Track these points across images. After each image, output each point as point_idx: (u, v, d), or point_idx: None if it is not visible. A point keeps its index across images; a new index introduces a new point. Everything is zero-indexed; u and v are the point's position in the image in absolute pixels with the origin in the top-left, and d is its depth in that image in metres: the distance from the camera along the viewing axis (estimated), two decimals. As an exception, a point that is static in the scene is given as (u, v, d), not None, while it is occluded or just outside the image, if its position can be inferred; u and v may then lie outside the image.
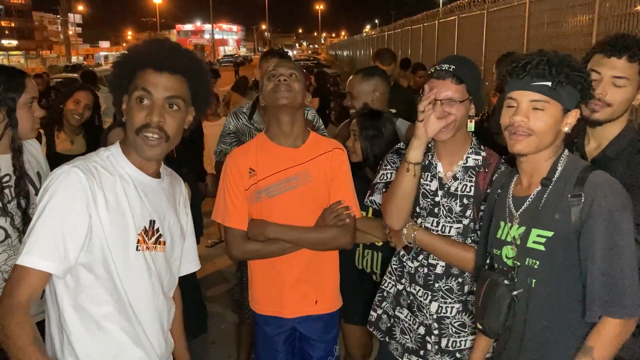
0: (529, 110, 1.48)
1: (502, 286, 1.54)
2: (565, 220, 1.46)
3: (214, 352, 3.52)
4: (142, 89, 1.41)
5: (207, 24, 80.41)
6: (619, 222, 1.40)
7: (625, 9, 5.35)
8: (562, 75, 1.45)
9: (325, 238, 2.00)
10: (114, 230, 1.39)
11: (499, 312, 1.54)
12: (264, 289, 2.12)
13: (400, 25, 18.61)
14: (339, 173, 2.05)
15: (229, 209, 2.02)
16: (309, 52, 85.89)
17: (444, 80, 1.77)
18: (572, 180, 1.48)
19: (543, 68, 1.46)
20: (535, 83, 1.47)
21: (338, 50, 47.26)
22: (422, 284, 1.91)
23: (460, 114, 1.78)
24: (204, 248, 5.29)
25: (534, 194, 1.56)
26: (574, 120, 1.52)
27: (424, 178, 1.90)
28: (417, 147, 1.77)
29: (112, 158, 1.47)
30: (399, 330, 2.01)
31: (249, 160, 2.02)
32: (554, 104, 1.48)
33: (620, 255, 1.39)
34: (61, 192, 1.33)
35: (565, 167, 1.53)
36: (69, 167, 1.36)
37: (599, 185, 1.44)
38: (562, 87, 1.46)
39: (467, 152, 1.87)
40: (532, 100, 1.48)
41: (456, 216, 1.85)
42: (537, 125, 1.48)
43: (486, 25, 9.47)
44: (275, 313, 2.10)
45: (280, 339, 2.13)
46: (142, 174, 1.49)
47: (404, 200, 1.84)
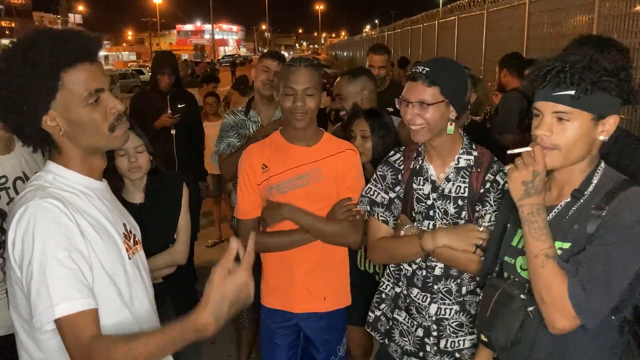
0: (553, 122, 1.37)
1: (518, 300, 1.44)
2: (582, 231, 1.35)
3: (214, 352, 3.53)
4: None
5: (207, 24, 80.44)
6: (634, 236, 1.27)
7: (625, 9, 5.35)
8: (587, 82, 1.32)
9: (335, 231, 2.04)
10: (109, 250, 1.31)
11: (510, 327, 1.44)
12: (274, 283, 2.15)
13: (400, 25, 18.62)
14: (350, 173, 2.09)
15: (240, 203, 2.10)
16: (308, 52, 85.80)
17: (416, 82, 1.76)
18: (602, 193, 1.37)
19: (564, 76, 1.33)
20: (557, 93, 1.35)
21: (338, 50, 47.25)
22: (420, 286, 1.91)
23: (433, 117, 1.75)
24: (204, 248, 5.29)
25: (562, 205, 1.45)
26: (612, 127, 1.38)
27: (416, 182, 1.90)
28: (438, 244, 1.78)
29: (59, 179, 1.31)
30: (398, 332, 2.01)
31: (263, 157, 2.09)
32: (580, 114, 1.34)
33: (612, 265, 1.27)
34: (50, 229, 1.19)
35: (601, 180, 1.41)
36: (39, 201, 1.20)
37: (629, 199, 1.31)
38: (589, 95, 1.32)
39: (458, 153, 1.86)
40: (555, 112, 1.36)
41: (452, 218, 1.85)
42: (561, 139, 1.36)
43: (486, 25, 9.47)
44: (284, 307, 2.14)
45: (281, 333, 2.15)
46: (94, 181, 1.38)
47: (397, 260, 1.93)
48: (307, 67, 2.01)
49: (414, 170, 1.91)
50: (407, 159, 1.95)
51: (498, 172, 1.83)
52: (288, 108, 2.01)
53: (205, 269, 5.11)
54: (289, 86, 2.00)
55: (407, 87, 1.80)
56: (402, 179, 1.93)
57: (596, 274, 1.29)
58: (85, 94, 1.25)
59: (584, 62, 1.34)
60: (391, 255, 1.93)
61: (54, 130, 1.27)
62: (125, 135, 1.36)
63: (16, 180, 1.99)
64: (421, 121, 1.76)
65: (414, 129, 1.79)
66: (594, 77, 1.32)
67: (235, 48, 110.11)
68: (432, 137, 1.80)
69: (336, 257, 2.15)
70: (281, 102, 2.04)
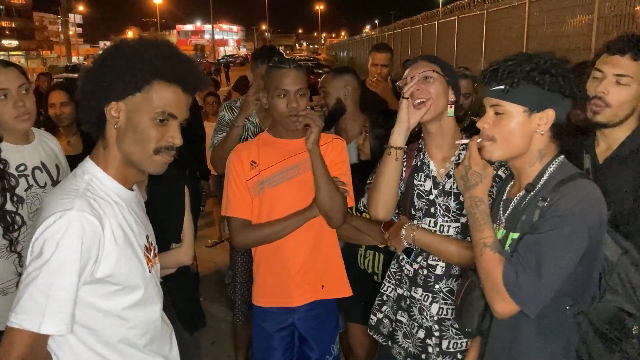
0: (491, 115, 1.47)
1: (478, 289, 1.52)
2: (529, 221, 1.43)
3: (214, 352, 3.53)
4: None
5: (207, 24, 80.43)
6: (566, 224, 1.34)
7: (625, 9, 5.36)
8: (518, 75, 1.41)
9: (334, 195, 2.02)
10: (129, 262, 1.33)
11: (472, 314, 1.55)
12: (269, 281, 2.15)
13: (400, 25, 18.64)
14: (338, 159, 2.13)
15: (230, 199, 2.10)
16: (307, 52, 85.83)
17: (417, 62, 1.86)
18: (551, 185, 1.43)
19: (497, 72, 1.44)
20: (493, 88, 1.46)
21: (338, 50, 47.27)
22: (422, 286, 1.91)
23: (437, 90, 1.79)
24: (204, 248, 5.30)
25: (517, 199, 1.53)
26: (546, 121, 1.44)
27: (417, 179, 1.91)
28: (399, 132, 1.82)
29: (95, 181, 1.32)
30: (401, 334, 2.00)
31: (251, 154, 2.10)
32: (512, 107, 1.43)
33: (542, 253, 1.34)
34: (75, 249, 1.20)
35: (554, 174, 1.46)
36: (77, 214, 1.21)
37: (568, 189, 1.38)
38: (519, 88, 1.41)
39: (458, 149, 1.88)
40: (491, 105, 1.47)
41: (454, 215, 1.85)
42: (496, 130, 1.46)
43: (486, 25, 9.49)
44: (283, 304, 2.13)
45: (279, 336, 2.15)
46: (125, 190, 1.38)
47: (388, 187, 1.86)
48: (297, 68, 2.05)
49: (415, 167, 1.92)
50: (409, 157, 1.96)
51: (499, 167, 1.85)
52: (282, 110, 2.02)
53: (205, 269, 5.11)
54: (281, 88, 2.01)
55: (407, 70, 1.87)
56: (403, 175, 1.94)
57: (528, 261, 1.36)
58: (158, 110, 1.29)
59: (516, 60, 1.44)
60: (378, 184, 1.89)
61: (111, 119, 1.30)
62: (162, 167, 1.36)
63: (34, 169, 2.05)
64: (426, 94, 1.79)
65: (417, 104, 1.79)
66: (523, 73, 1.41)
67: (235, 48, 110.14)
68: (432, 119, 1.82)
69: (328, 246, 2.16)
70: (273, 104, 2.04)
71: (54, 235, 1.19)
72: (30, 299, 1.17)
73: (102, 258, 1.25)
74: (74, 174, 1.36)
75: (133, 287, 1.35)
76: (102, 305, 1.30)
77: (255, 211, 2.09)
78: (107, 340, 1.32)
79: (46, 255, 1.18)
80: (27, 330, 1.16)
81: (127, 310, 1.34)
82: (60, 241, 1.18)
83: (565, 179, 1.42)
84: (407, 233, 1.87)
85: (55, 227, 1.19)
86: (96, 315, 1.30)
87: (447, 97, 1.82)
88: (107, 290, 1.29)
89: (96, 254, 1.24)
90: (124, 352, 1.35)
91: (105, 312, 1.31)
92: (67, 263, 1.19)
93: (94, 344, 1.31)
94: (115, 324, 1.33)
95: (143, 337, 1.40)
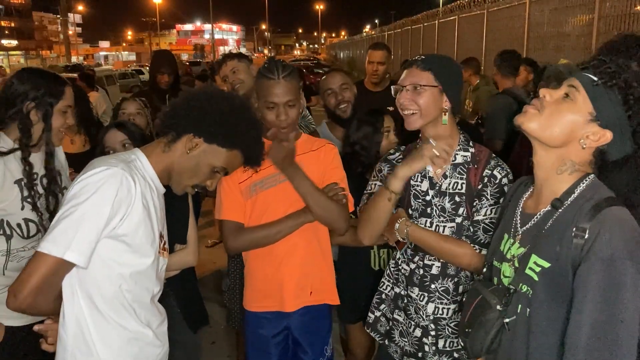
0: (560, 93, 1.34)
1: (495, 311, 1.38)
2: (565, 253, 1.25)
3: (214, 352, 3.53)
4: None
5: (207, 23, 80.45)
6: (620, 274, 1.16)
7: (625, 8, 5.36)
8: (619, 78, 1.25)
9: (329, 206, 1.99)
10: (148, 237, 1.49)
11: (485, 336, 1.40)
12: (262, 286, 2.13)
13: (400, 25, 18.64)
14: (331, 165, 2.10)
15: (222, 202, 2.07)
16: (306, 52, 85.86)
17: (410, 68, 1.81)
18: (586, 209, 1.26)
19: (603, 63, 1.28)
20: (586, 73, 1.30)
21: (338, 50, 47.28)
22: (418, 286, 1.91)
23: (426, 101, 1.76)
24: (204, 248, 5.29)
25: (541, 214, 1.37)
26: (597, 140, 1.29)
27: (414, 179, 1.90)
28: (402, 178, 1.79)
29: (138, 163, 1.52)
30: (397, 333, 2.01)
31: None
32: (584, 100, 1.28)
33: (616, 311, 1.15)
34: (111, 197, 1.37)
35: (584, 192, 1.30)
36: (118, 170, 1.40)
37: (608, 222, 1.21)
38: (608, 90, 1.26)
39: (455, 149, 1.86)
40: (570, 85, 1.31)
41: (449, 215, 1.85)
42: (552, 104, 1.32)
43: (486, 25, 9.49)
44: (275, 308, 2.11)
45: (274, 341, 2.14)
46: (160, 183, 1.59)
47: (379, 221, 1.86)
48: (286, 78, 1.99)
49: None
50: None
51: (495, 167, 1.84)
52: (271, 121, 2.00)
53: (205, 270, 5.09)
54: (270, 101, 1.99)
55: (402, 75, 1.84)
56: None
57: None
58: (218, 165, 1.58)
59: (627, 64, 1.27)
60: (369, 216, 1.89)
61: (187, 144, 1.54)
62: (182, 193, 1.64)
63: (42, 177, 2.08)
64: (414, 107, 1.77)
65: (406, 114, 1.80)
66: (622, 79, 1.25)
67: (235, 48, 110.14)
68: (425, 126, 1.81)
69: (321, 252, 2.14)
70: (262, 113, 2.01)
71: (96, 182, 1.37)
72: (62, 230, 1.34)
73: (128, 216, 1.41)
74: (124, 153, 1.58)
75: (143, 253, 1.49)
76: (112, 262, 1.44)
77: (248, 214, 2.06)
78: (105, 295, 1.46)
79: (84, 196, 1.36)
80: (53, 255, 1.33)
81: (132, 275, 1.48)
82: (100, 187, 1.36)
83: (601, 202, 1.25)
84: (400, 227, 1.87)
85: (100, 175, 1.38)
86: (104, 269, 1.44)
87: (440, 104, 1.78)
88: (120, 248, 1.43)
89: (125, 210, 1.40)
90: (118, 311, 1.48)
91: (112, 268, 1.45)
92: (100, 207, 1.36)
93: (93, 294, 1.44)
94: (117, 282, 1.46)
95: (135, 303, 1.52)
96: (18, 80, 1.99)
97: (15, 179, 1.97)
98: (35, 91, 1.98)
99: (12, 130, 1.99)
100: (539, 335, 1.32)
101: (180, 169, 1.56)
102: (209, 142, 1.54)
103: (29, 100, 1.97)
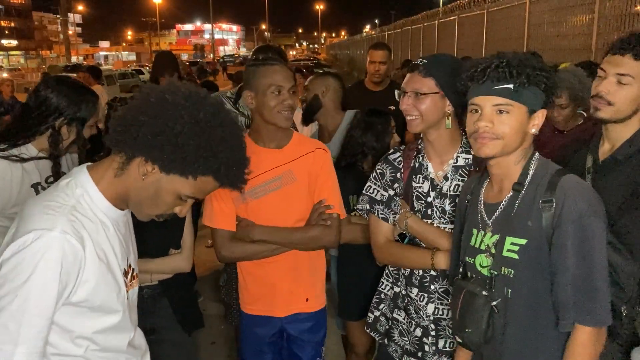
0: (493, 114, 1.45)
1: (481, 297, 1.49)
2: (537, 226, 1.42)
3: (214, 352, 3.52)
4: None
5: (207, 23, 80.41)
6: (589, 228, 1.37)
7: (625, 8, 5.36)
8: (524, 76, 1.41)
9: (309, 237, 2.02)
10: (107, 285, 1.27)
11: (479, 323, 1.49)
12: (254, 289, 2.12)
13: (400, 25, 18.62)
14: (322, 172, 2.06)
15: (215, 211, 2.03)
16: (306, 52, 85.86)
17: (412, 73, 1.81)
18: (544, 184, 1.45)
19: (503, 71, 1.42)
20: (497, 87, 1.43)
21: (338, 50, 47.26)
22: (418, 286, 1.91)
23: (427, 107, 1.77)
24: (203, 249, 5.29)
25: (506, 200, 1.52)
26: (540, 120, 1.49)
27: (415, 181, 1.90)
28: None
29: (86, 198, 1.25)
30: (397, 332, 2.01)
31: None
32: (518, 107, 1.44)
33: (592, 263, 1.37)
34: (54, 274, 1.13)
35: (537, 171, 1.49)
36: (59, 236, 1.13)
37: (570, 189, 1.41)
38: (525, 89, 1.42)
39: (457, 152, 1.87)
40: (495, 104, 1.44)
41: (449, 216, 1.85)
42: (502, 129, 1.44)
43: (486, 25, 9.48)
44: (266, 312, 2.11)
45: (268, 341, 2.14)
46: (116, 210, 1.31)
47: (404, 265, 1.95)
48: (284, 65, 2.03)
49: (414, 169, 1.91)
50: (407, 158, 1.95)
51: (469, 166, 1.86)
52: (274, 106, 1.95)
53: (204, 269, 5.09)
54: (276, 84, 1.96)
55: (405, 78, 1.85)
56: (402, 177, 1.93)
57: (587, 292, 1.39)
58: (184, 194, 1.25)
59: (519, 58, 1.44)
60: (398, 263, 1.95)
61: (140, 169, 1.23)
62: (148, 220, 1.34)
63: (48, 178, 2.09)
64: (416, 112, 1.78)
65: (408, 119, 1.82)
66: (529, 72, 1.41)
67: (235, 48, 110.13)
68: (427, 129, 1.82)
69: (314, 257, 2.13)
70: (264, 102, 1.96)
71: (33, 256, 1.11)
72: (2, 326, 1.09)
73: (81, 283, 1.19)
74: (65, 184, 1.27)
75: (108, 311, 1.29)
76: (73, 327, 1.23)
77: (238, 221, 2.04)
78: None
79: (22, 278, 1.10)
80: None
81: (98, 334, 1.28)
82: (39, 264, 1.10)
83: (555, 176, 1.45)
84: (400, 219, 1.88)
85: (35, 247, 1.11)
86: (64, 335, 1.23)
87: (443, 109, 1.79)
88: (80, 313, 1.23)
89: (75, 279, 1.17)
90: None
91: (74, 333, 1.24)
92: (44, 289, 1.11)
93: None
94: (83, 345, 1.26)
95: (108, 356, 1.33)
96: (53, 93, 1.99)
97: (32, 182, 1.97)
98: (72, 108, 1.99)
99: (40, 139, 2.00)
100: (530, 309, 1.46)
101: (138, 198, 1.27)
102: (165, 171, 1.21)
103: (63, 116, 1.99)
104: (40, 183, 2.00)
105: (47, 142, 1.99)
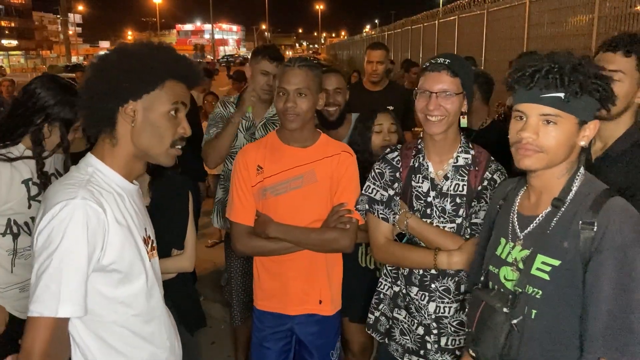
0: (539, 125, 1.32)
1: (501, 314, 1.39)
2: (574, 248, 1.30)
3: (214, 352, 3.53)
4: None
5: (207, 23, 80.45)
6: (632, 260, 1.23)
7: (625, 9, 5.36)
8: (576, 84, 1.27)
9: (325, 239, 2.02)
10: (131, 250, 1.38)
11: (496, 341, 1.39)
12: (267, 285, 2.14)
13: (400, 25, 18.60)
14: (345, 176, 2.07)
15: (234, 204, 2.08)
16: (308, 52, 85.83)
17: (439, 73, 1.76)
18: (587, 204, 1.31)
19: (554, 77, 1.28)
20: (546, 95, 1.30)
21: (338, 50, 47.22)
22: (418, 285, 1.91)
23: (454, 107, 1.77)
24: (204, 248, 5.29)
25: (543, 216, 1.40)
26: (592, 133, 1.36)
27: (415, 180, 1.90)
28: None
29: (98, 174, 1.38)
30: (398, 331, 2.01)
31: (258, 157, 2.07)
32: (567, 118, 1.31)
33: (630, 298, 1.22)
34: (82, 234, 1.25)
35: (580, 188, 1.36)
36: (80, 202, 1.26)
37: (616, 214, 1.26)
38: (577, 98, 1.28)
39: (457, 151, 1.87)
40: (543, 114, 1.32)
41: (449, 216, 1.85)
42: (547, 141, 1.32)
43: (486, 25, 9.48)
44: (278, 309, 2.12)
45: (273, 337, 2.14)
46: (128, 183, 1.44)
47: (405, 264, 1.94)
48: (301, 67, 1.98)
49: (413, 168, 1.91)
50: (405, 157, 1.95)
51: (496, 171, 1.86)
52: (280, 109, 2.00)
53: (205, 269, 5.11)
54: (281, 87, 1.99)
55: (426, 78, 1.79)
56: (401, 176, 1.93)
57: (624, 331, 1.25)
58: (172, 101, 1.38)
59: (573, 63, 1.29)
60: (399, 263, 1.95)
61: (125, 119, 1.37)
62: (173, 160, 1.45)
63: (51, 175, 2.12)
64: (443, 112, 1.76)
65: (433, 121, 1.78)
66: (582, 79, 1.28)
67: (235, 48, 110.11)
68: (445, 130, 1.80)
69: (330, 259, 2.14)
70: (275, 102, 2.03)
71: (61, 224, 1.24)
72: (44, 287, 1.22)
73: (108, 245, 1.31)
74: (77, 167, 1.41)
75: (136, 274, 1.40)
76: (108, 293, 1.35)
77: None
78: (111, 328, 1.37)
79: (55, 243, 1.23)
80: (46, 316, 1.22)
81: (132, 298, 1.40)
82: (67, 229, 1.23)
83: (601, 196, 1.31)
84: (400, 219, 1.88)
85: (62, 214, 1.24)
86: (102, 302, 1.34)
87: (461, 108, 1.80)
88: (112, 278, 1.35)
89: (102, 240, 1.29)
90: (128, 340, 1.40)
91: (110, 299, 1.36)
92: (75, 248, 1.24)
93: (100, 330, 1.36)
94: (120, 311, 1.38)
95: (148, 324, 1.45)
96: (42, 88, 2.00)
97: (23, 179, 1.99)
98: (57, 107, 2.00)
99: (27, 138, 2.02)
100: (553, 333, 1.35)
101: (144, 145, 1.39)
102: (139, 97, 1.36)
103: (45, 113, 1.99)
104: (32, 179, 2.00)
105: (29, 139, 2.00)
